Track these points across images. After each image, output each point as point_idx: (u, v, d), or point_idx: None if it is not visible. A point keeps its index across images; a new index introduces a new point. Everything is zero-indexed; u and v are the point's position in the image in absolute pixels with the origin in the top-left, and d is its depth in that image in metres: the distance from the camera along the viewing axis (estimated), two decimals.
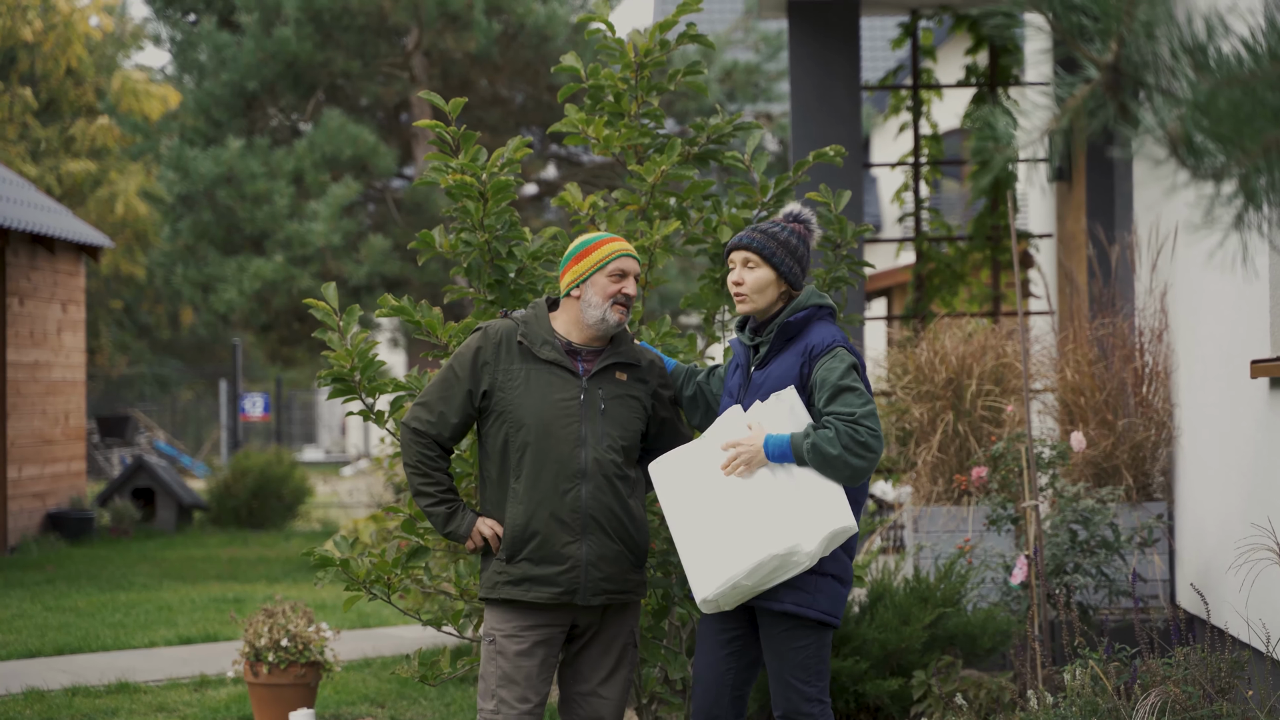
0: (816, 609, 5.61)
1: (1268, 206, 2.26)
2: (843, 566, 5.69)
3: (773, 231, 5.77)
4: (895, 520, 10.87)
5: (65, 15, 27.41)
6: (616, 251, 5.88)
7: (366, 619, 12.50)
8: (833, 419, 5.50)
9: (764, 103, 22.86)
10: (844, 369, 5.59)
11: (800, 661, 5.65)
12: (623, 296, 5.85)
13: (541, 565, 5.77)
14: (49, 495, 18.88)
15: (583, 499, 5.78)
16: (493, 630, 5.87)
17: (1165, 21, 2.28)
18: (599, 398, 5.84)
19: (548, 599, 5.78)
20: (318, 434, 43.87)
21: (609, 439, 5.82)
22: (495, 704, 5.80)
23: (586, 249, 5.89)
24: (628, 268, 5.87)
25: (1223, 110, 2.19)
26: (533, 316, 5.95)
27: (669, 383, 6.10)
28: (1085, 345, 9.31)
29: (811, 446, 5.47)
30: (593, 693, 5.96)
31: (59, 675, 10.21)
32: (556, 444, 5.78)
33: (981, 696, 7.55)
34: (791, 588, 5.58)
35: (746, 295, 5.75)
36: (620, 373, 5.92)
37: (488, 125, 21.12)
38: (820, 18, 11.70)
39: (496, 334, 5.92)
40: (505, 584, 5.82)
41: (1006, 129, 2.48)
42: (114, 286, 31.36)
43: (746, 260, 5.75)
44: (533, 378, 5.83)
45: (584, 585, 5.78)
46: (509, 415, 5.81)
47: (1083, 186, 11.57)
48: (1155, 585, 8.74)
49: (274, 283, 19.44)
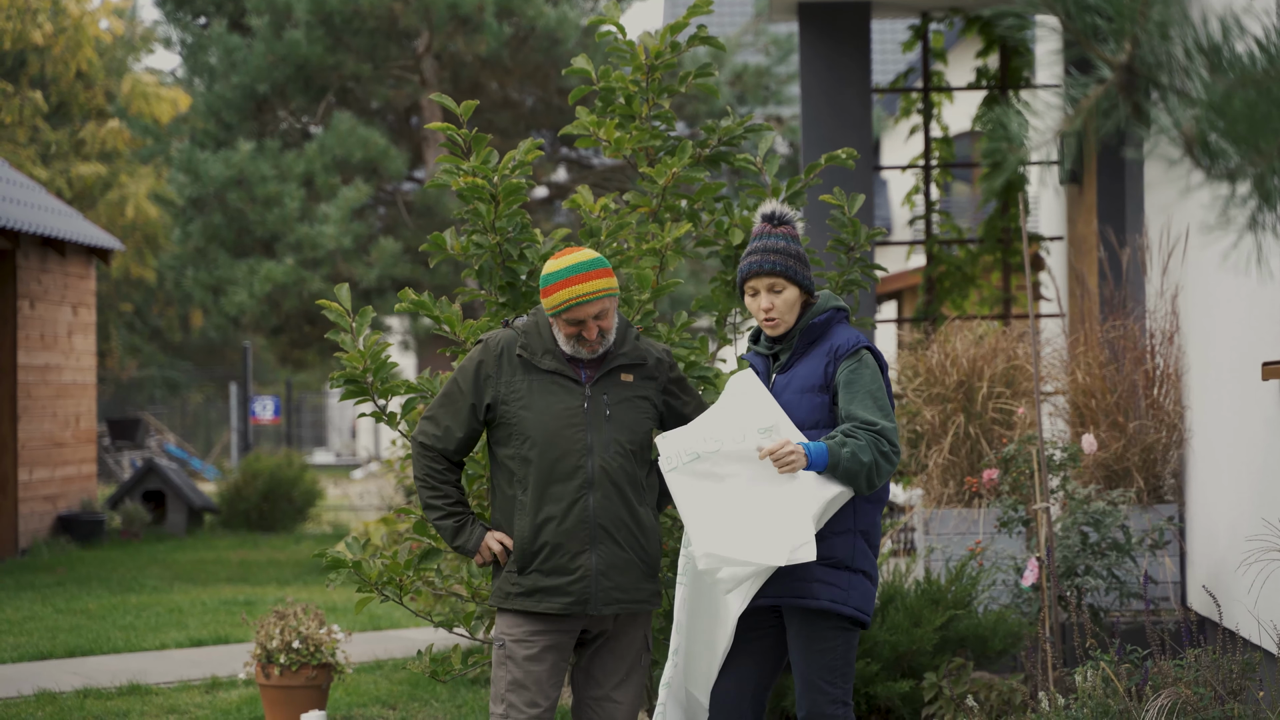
0: (850, 605, 5.62)
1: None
2: (872, 564, 5.71)
3: (781, 248, 5.73)
4: (906, 523, 10.87)
5: (75, 19, 27.46)
6: (571, 300, 5.73)
7: (378, 621, 12.51)
8: (862, 430, 5.51)
9: (774, 106, 22.85)
10: (870, 374, 5.61)
11: (828, 663, 5.65)
12: (583, 339, 5.79)
13: (552, 576, 5.75)
14: (60, 498, 18.90)
15: (590, 508, 5.76)
16: (503, 635, 5.86)
17: (1180, 22, 2.29)
18: (604, 403, 5.81)
19: (559, 609, 5.76)
20: (328, 437, 43.88)
21: (616, 445, 5.79)
22: (505, 708, 5.79)
23: (548, 287, 5.77)
24: (584, 315, 5.75)
25: (1238, 111, 2.19)
26: (533, 326, 5.90)
27: (680, 373, 6.07)
28: (1096, 348, 9.30)
29: (850, 455, 5.46)
30: (606, 697, 5.95)
31: (70, 677, 10.22)
32: (562, 454, 5.75)
33: (993, 698, 7.55)
34: (826, 584, 5.58)
35: (779, 319, 5.74)
36: (626, 374, 5.89)
37: (498, 128, 21.12)
38: (830, 20, 11.70)
39: (497, 346, 5.88)
40: (517, 595, 5.81)
41: (1019, 129, 2.48)
42: (124, 289, 31.40)
43: (772, 285, 5.72)
44: (535, 389, 5.80)
45: (595, 595, 5.76)
46: (514, 428, 5.79)
47: (1094, 189, 11.56)
48: (1166, 587, 8.73)
49: (284, 285, 19.45)
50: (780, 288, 5.71)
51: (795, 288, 5.71)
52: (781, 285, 5.70)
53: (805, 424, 5.64)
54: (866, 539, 5.68)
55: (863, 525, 5.66)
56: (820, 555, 5.57)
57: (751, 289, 5.75)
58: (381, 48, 20.19)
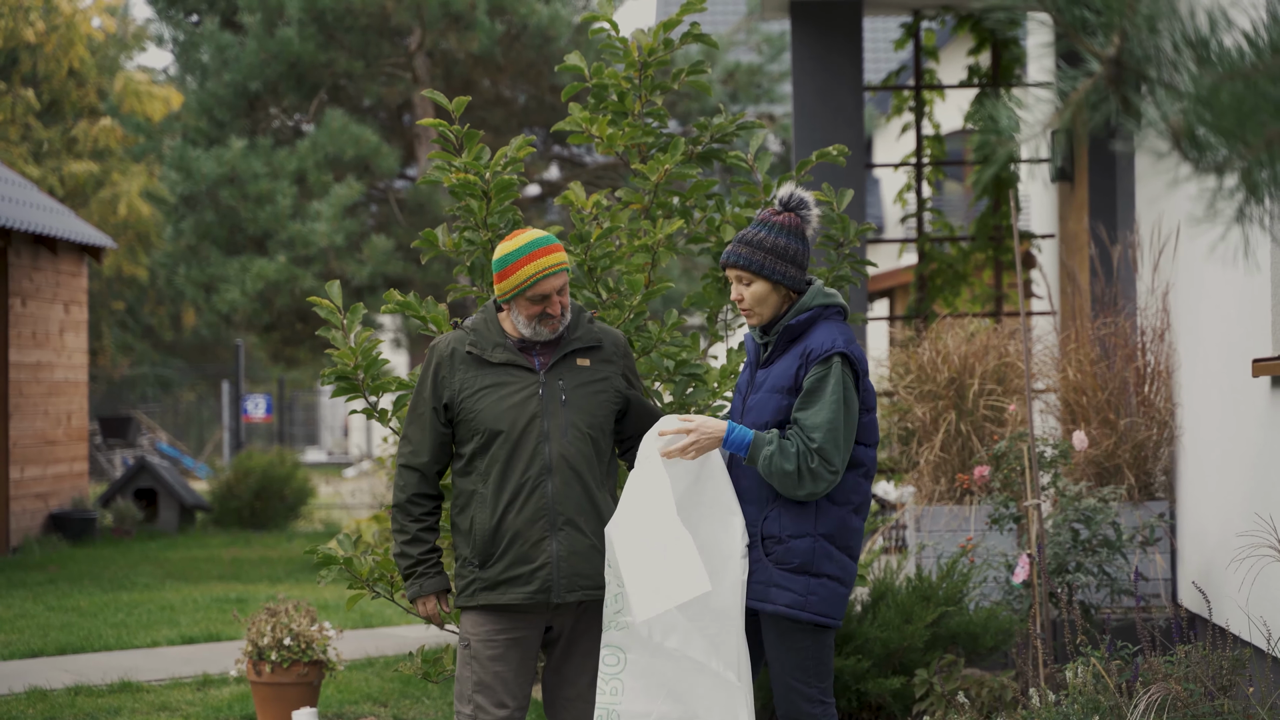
0: (810, 610, 5.57)
1: (1269, 200, 2.27)
2: (840, 566, 5.64)
3: (758, 239, 5.66)
4: (898, 520, 10.88)
5: (67, 16, 27.43)
6: (534, 275, 5.72)
7: (369, 618, 12.51)
8: (797, 439, 5.50)
9: (767, 104, 22.86)
10: (833, 385, 5.52)
11: (799, 663, 5.63)
12: (546, 316, 5.78)
13: (515, 566, 5.72)
14: (51, 496, 18.89)
15: (549, 495, 5.73)
16: (467, 635, 5.83)
17: (1168, 15, 2.30)
18: (559, 389, 5.78)
19: (524, 599, 5.73)
20: (320, 435, 43.87)
21: (574, 430, 5.76)
22: (473, 709, 5.76)
23: (506, 268, 5.75)
24: (548, 289, 5.73)
25: (1225, 104, 2.20)
26: (482, 322, 5.88)
27: (633, 363, 6.05)
28: (1087, 345, 9.32)
29: (768, 458, 5.47)
30: (579, 696, 5.91)
31: (61, 675, 10.22)
32: (520, 443, 5.73)
33: (983, 695, 7.56)
34: (783, 589, 5.56)
35: (750, 310, 5.71)
36: (581, 358, 5.86)
37: (491, 126, 21.12)
38: (823, 18, 11.71)
39: (447, 347, 5.87)
40: (481, 590, 5.77)
41: (1009, 123, 2.49)
42: (116, 287, 31.37)
43: (739, 277, 5.68)
44: (488, 382, 5.78)
45: (558, 582, 5.73)
46: (471, 424, 5.77)
47: (1085, 186, 11.58)
48: (1157, 584, 8.75)
49: (277, 283, 19.45)
50: (748, 280, 5.67)
51: (764, 282, 5.65)
52: (748, 279, 5.66)
53: (769, 425, 5.61)
54: (832, 541, 5.61)
55: (825, 529, 5.59)
56: (778, 559, 5.56)
57: (729, 276, 5.76)
58: (374, 45, 20.18)
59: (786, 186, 5.78)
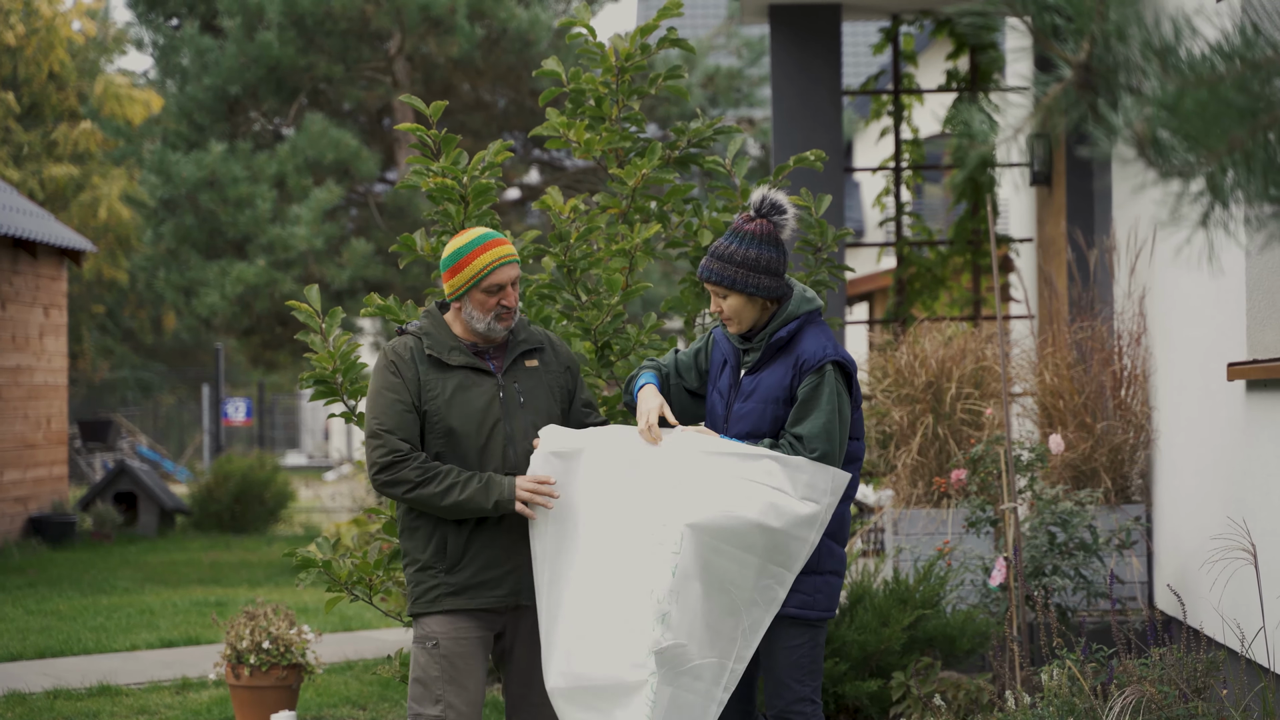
0: (817, 609, 5.67)
1: (1234, 204, 2.30)
2: (838, 560, 5.74)
3: (729, 253, 5.64)
4: (875, 523, 10.91)
5: (47, 20, 27.40)
6: (489, 265, 5.70)
7: (348, 622, 12.51)
8: (795, 449, 5.54)
9: (746, 108, 22.92)
10: (828, 394, 5.57)
11: (795, 661, 5.68)
12: (502, 309, 5.76)
13: (485, 570, 5.71)
14: (31, 499, 18.86)
15: None
16: (434, 635, 5.73)
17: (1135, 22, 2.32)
18: (516, 391, 5.78)
19: (494, 603, 5.72)
20: (300, 439, 43.81)
21: (535, 431, 5.76)
22: (442, 708, 5.70)
23: (459, 262, 5.73)
24: (503, 279, 5.72)
25: (1189, 110, 2.23)
26: (430, 327, 5.85)
27: (571, 361, 6.04)
28: (1064, 349, 9.35)
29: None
30: (545, 701, 5.87)
31: (40, 678, 10.21)
32: (484, 447, 5.71)
33: (960, 697, 7.59)
34: (794, 590, 5.61)
35: (731, 320, 5.73)
36: (529, 360, 5.88)
37: (470, 130, 21.14)
38: (802, 23, 11.74)
39: (405, 349, 5.79)
40: (447, 595, 5.72)
41: (983, 126, 2.51)
42: (96, 291, 31.33)
43: (715, 290, 5.69)
44: (450, 386, 5.73)
45: (526, 585, 5.73)
46: (437, 427, 5.71)
47: (1063, 191, 11.61)
48: (1133, 587, 8.78)
49: (256, 287, 19.44)
50: (723, 294, 5.68)
51: (739, 295, 5.66)
52: (723, 292, 5.68)
53: (766, 435, 5.65)
54: (834, 538, 5.71)
55: (831, 528, 5.68)
56: None
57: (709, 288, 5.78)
58: (353, 49, 20.19)
59: (759, 192, 5.76)
